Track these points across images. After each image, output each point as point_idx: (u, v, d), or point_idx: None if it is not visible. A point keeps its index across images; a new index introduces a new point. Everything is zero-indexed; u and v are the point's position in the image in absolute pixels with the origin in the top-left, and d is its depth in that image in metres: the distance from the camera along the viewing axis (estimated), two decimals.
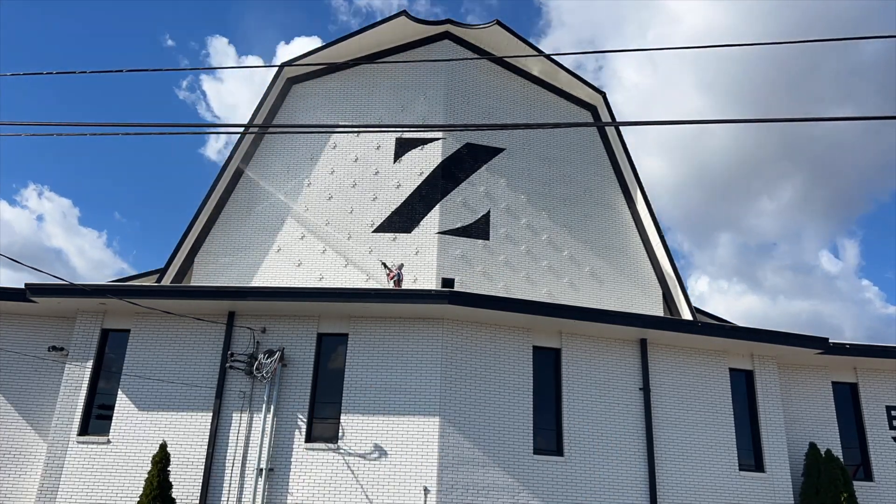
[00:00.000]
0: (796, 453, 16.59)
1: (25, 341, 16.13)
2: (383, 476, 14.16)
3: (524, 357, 15.53)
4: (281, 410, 14.81)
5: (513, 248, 19.35)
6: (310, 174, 19.71)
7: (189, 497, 14.11)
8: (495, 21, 20.24)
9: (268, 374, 14.80)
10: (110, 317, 15.83)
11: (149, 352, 15.41)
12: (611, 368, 15.93)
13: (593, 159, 21.18)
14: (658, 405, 15.86)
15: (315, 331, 15.45)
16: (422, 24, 20.43)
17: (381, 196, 19.33)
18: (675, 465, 15.47)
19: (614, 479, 15.02)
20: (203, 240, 19.29)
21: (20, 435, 15.54)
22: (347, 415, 14.65)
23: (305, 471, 14.35)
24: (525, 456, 14.73)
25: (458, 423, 14.53)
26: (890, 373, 18.00)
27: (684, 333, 16.21)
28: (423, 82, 20.36)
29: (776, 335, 16.54)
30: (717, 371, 16.56)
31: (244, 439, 14.60)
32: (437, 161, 19.53)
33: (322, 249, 18.93)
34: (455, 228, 19.00)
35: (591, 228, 20.36)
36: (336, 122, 19.93)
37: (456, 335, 15.15)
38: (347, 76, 20.67)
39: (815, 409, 17.51)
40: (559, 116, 20.91)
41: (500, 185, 19.81)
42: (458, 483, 14.11)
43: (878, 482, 16.96)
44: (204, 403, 14.88)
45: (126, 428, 14.84)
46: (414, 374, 14.81)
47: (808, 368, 17.77)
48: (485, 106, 20.44)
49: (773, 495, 15.71)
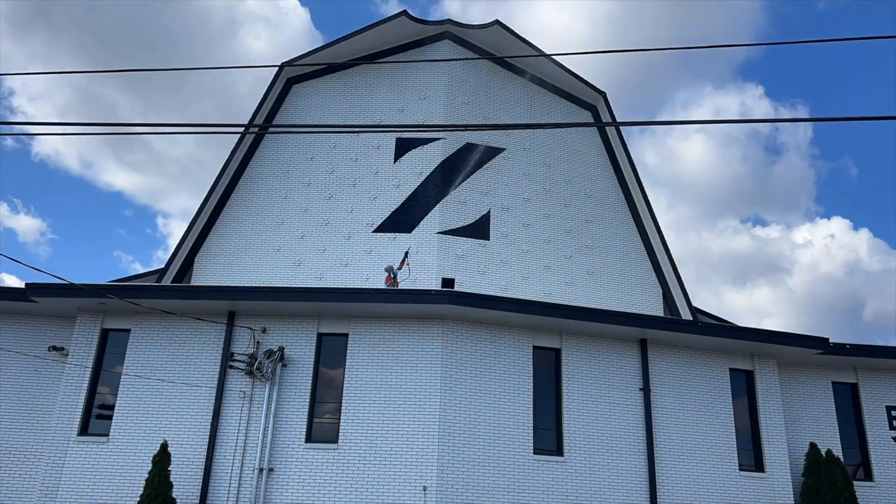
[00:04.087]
0: (796, 453, 16.59)
1: (25, 341, 16.13)
2: (383, 476, 14.15)
3: (524, 357, 15.53)
4: (281, 410, 14.81)
5: (513, 247, 19.35)
6: (310, 174, 19.71)
7: (189, 497, 14.11)
8: (495, 21, 20.26)
9: (268, 374, 14.80)
10: (110, 317, 15.83)
11: (149, 352, 15.40)
12: (611, 368, 15.93)
13: (593, 159, 21.19)
14: (658, 405, 15.85)
15: (315, 331, 15.45)
16: (422, 24, 20.43)
17: (381, 196, 19.33)
18: (675, 465, 15.47)
19: (614, 479, 15.01)
20: (203, 240, 19.30)
21: (20, 435, 15.53)
22: (347, 414, 14.65)
23: (305, 470, 14.35)
24: (525, 456, 14.72)
25: (458, 422, 14.52)
26: (890, 373, 17.99)
27: (684, 333, 16.21)
28: (423, 82, 20.36)
29: (776, 335, 16.55)
30: (717, 371, 16.56)
31: (244, 439, 14.59)
32: (436, 161, 19.53)
33: (322, 249, 18.93)
34: (455, 228, 19.00)
35: (591, 228, 20.37)
36: (336, 122, 19.94)
37: (456, 335, 15.15)
38: (347, 76, 20.68)
39: (815, 409, 17.50)
40: (559, 116, 20.91)
41: (499, 186, 19.81)
42: (457, 483, 14.10)
43: (878, 482, 16.95)
44: (204, 403, 14.88)
45: (126, 427, 14.84)
46: (414, 374, 14.80)
47: (808, 368, 17.76)
48: (485, 106, 20.44)
49: (773, 495, 15.70)
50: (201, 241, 19.26)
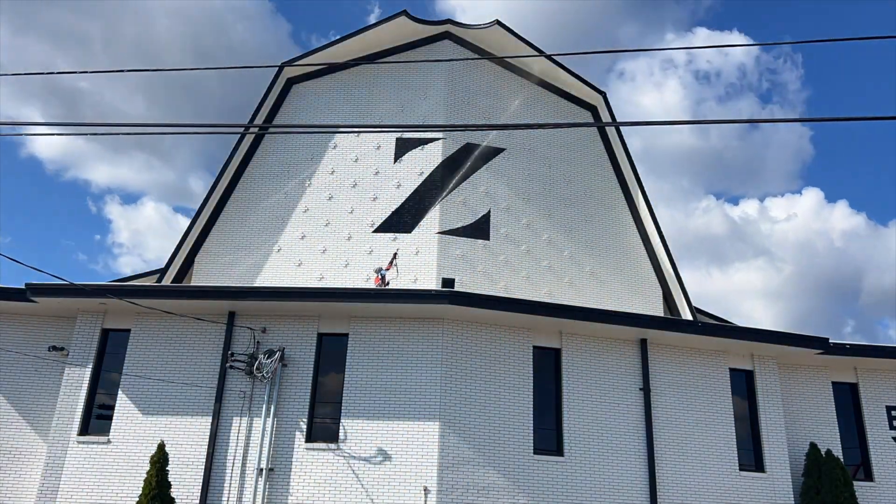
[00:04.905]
0: (796, 453, 16.59)
1: (25, 341, 16.12)
2: (384, 476, 14.15)
3: (524, 357, 15.53)
4: (281, 410, 14.80)
5: (513, 248, 19.34)
6: (310, 174, 19.71)
7: (189, 497, 14.11)
8: (495, 21, 20.25)
9: (268, 374, 14.80)
10: (110, 317, 15.82)
11: (149, 352, 15.40)
12: (611, 368, 15.92)
13: (593, 159, 21.19)
14: (658, 405, 15.85)
15: (315, 331, 15.45)
16: (422, 24, 20.43)
17: (381, 196, 19.33)
18: (675, 465, 15.47)
19: (614, 479, 15.01)
20: (203, 240, 19.29)
21: (20, 435, 15.52)
22: (347, 415, 14.65)
23: (306, 471, 14.34)
24: (525, 456, 14.72)
25: (459, 422, 14.52)
26: (890, 373, 17.99)
27: (684, 333, 16.21)
28: (424, 82, 20.36)
29: (776, 335, 16.56)
30: (717, 371, 16.56)
31: (244, 439, 14.59)
32: (437, 161, 19.53)
33: (322, 249, 18.93)
34: (455, 228, 19.00)
35: (591, 228, 20.37)
36: (336, 122, 19.93)
37: (456, 335, 15.14)
38: (347, 76, 20.67)
39: (816, 409, 17.50)
40: (559, 116, 20.91)
41: (500, 186, 19.80)
42: (458, 483, 14.10)
43: (878, 482, 16.95)
44: (204, 403, 14.87)
45: (126, 428, 14.83)
46: (414, 374, 14.80)
47: (808, 368, 17.77)
48: (485, 106, 20.44)
49: (773, 495, 15.70)
50: (201, 241, 19.25)
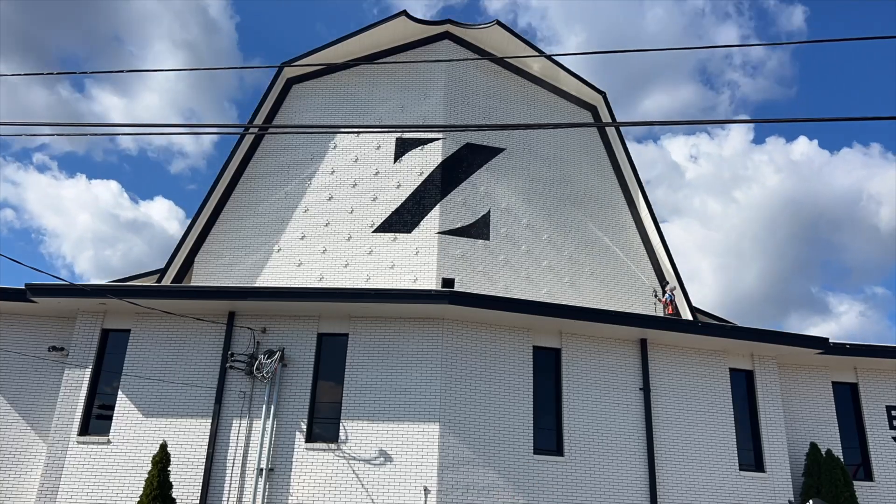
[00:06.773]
0: (796, 453, 16.60)
1: (25, 341, 16.12)
2: (384, 476, 14.16)
3: (524, 357, 15.53)
4: (281, 410, 14.80)
5: (513, 248, 19.34)
6: (310, 174, 19.70)
7: (189, 497, 14.11)
8: (495, 21, 20.25)
9: (268, 375, 14.80)
10: (110, 317, 15.83)
11: (149, 352, 15.40)
12: (611, 368, 15.93)
13: (593, 159, 21.18)
14: (658, 405, 15.86)
15: (315, 331, 15.45)
16: (422, 24, 20.43)
17: (381, 196, 19.32)
18: (675, 465, 15.47)
19: (614, 479, 15.02)
20: (203, 240, 19.28)
21: (20, 435, 15.53)
22: (347, 415, 14.65)
23: (306, 471, 14.35)
24: (525, 456, 14.72)
25: (459, 423, 14.52)
26: (890, 373, 18.00)
27: (684, 333, 16.21)
28: (424, 82, 20.36)
29: (776, 335, 16.57)
30: (717, 371, 16.56)
31: (244, 439, 14.59)
32: (437, 161, 19.52)
33: (322, 249, 18.92)
34: (455, 228, 18.99)
35: (591, 228, 20.36)
36: (336, 122, 19.92)
37: (456, 335, 15.15)
38: (347, 76, 20.67)
39: (816, 409, 17.50)
40: (559, 116, 20.91)
41: (500, 186, 19.80)
42: (458, 483, 14.10)
43: (878, 482, 16.96)
44: (204, 404, 14.88)
45: (126, 428, 14.83)
46: (414, 374, 14.80)
47: (808, 368, 17.77)
48: (485, 106, 20.44)
49: (773, 495, 15.70)
50: (201, 241, 19.24)
